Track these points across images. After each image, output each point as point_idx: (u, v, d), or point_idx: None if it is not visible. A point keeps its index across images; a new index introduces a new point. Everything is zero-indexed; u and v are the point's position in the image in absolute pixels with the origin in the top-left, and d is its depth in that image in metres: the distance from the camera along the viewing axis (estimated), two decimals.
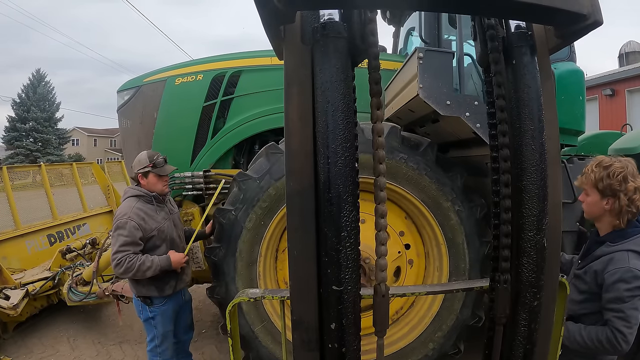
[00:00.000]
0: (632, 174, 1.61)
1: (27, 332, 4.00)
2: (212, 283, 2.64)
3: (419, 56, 2.28)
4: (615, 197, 1.61)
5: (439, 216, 2.54)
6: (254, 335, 2.55)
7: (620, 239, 1.64)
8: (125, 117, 3.59)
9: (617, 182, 1.59)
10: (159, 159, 2.65)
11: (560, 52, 3.30)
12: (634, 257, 1.58)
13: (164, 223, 2.64)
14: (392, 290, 1.26)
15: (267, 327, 2.57)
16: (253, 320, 2.55)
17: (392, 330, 2.71)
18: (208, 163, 3.39)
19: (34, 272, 4.04)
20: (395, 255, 2.72)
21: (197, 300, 4.04)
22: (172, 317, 2.71)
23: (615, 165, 1.63)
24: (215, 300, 2.68)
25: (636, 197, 1.59)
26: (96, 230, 5.38)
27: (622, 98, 12.66)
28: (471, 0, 0.91)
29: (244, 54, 3.52)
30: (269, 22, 0.95)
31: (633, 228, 1.64)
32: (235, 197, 2.55)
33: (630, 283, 1.52)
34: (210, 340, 3.82)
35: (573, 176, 3.31)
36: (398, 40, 4.34)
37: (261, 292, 1.42)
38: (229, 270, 2.54)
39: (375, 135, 0.99)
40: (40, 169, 5.23)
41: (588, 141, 4.35)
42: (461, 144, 3.11)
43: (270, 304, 2.61)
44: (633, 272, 1.53)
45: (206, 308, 4.52)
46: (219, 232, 2.58)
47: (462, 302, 2.56)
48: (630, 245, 1.60)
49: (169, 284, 2.61)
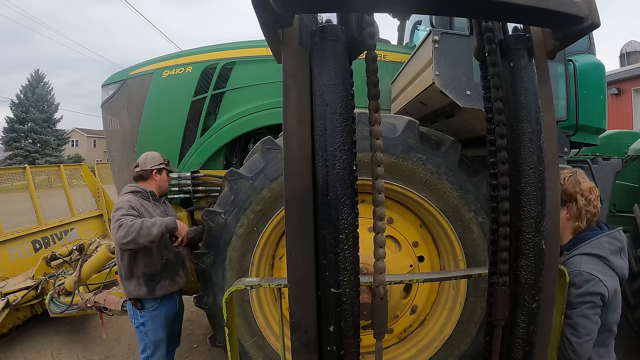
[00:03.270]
0: (581, 176, 1.79)
1: (9, 345, 4.13)
2: (200, 292, 2.64)
3: (434, 39, 2.18)
4: (572, 201, 1.75)
5: (459, 229, 2.43)
6: (244, 351, 2.54)
7: (575, 244, 1.76)
8: (110, 114, 3.65)
9: (570, 185, 1.75)
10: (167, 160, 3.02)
11: (578, 44, 3.42)
12: (588, 260, 1.66)
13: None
14: (389, 277, 1.38)
15: (259, 343, 2.57)
16: (243, 335, 2.55)
17: (399, 351, 2.71)
18: (197, 163, 3.41)
19: (17, 281, 4.16)
20: (406, 269, 2.61)
21: (188, 312, 4.14)
22: (165, 325, 2.80)
23: (564, 172, 1.81)
24: (204, 310, 2.68)
25: (592, 197, 1.74)
26: (85, 235, 5.51)
27: (628, 97, 13.38)
28: (468, 3, 1.03)
29: (238, 44, 3.55)
30: (267, 26, 1.07)
31: (588, 232, 1.76)
32: (226, 199, 2.53)
33: (579, 287, 1.59)
34: (202, 357, 3.92)
35: (598, 178, 3.42)
36: (403, 34, 4.43)
37: (257, 280, 1.55)
38: (218, 279, 2.53)
39: (374, 138, 1.11)
40: (25, 171, 5.34)
41: (603, 141, 4.44)
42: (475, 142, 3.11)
43: (263, 319, 2.62)
44: (583, 275, 1.60)
45: (198, 320, 4.62)
46: (208, 237, 2.57)
47: (478, 326, 2.47)
48: (585, 249, 1.71)
49: (160, 283, 2.71)
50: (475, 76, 2.24)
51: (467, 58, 2.22)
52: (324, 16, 1.12)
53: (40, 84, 38.24)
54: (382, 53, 3.46)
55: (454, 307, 2.58)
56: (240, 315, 2.55)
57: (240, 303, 2.54)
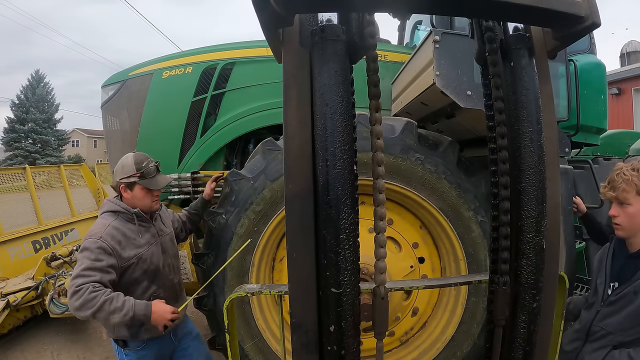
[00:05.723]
0: None
1: (9, 345, 4.15)
2: (200, 293, 2.60)
3: (435, 39, 2.20)
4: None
5: (458, 228, 2.45)
6: (243, 353, 2.52)
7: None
8: (110, 114, 3.67)
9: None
10: (150, 166, 2.26)
11: (579, 43, 3.43)
12: None
13: (147, 249, 2.24)
14: (390, 284, 1.39)
15: (259, 345, 2.56)
16: (243, 337, 2.53)
17: (401, 354, 2.71)
18: (197, 164, 3.42)
19: (17, 282, 4.18)
20: (407, 270, 2.62)
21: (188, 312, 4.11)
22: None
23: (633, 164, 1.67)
24: (203, 312, 2.67)
25: None
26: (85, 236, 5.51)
27: (628, 97, 13.50)
28: (469, 3, 1.04)
29: (238, 44, 3.57)
30: (267, 26, 1.07)
31: None
32: (226, 199, 2.54)
33: None
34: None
35: (599, 177, 3.41)
36: (403, 34, 4.45)
37: (259, 287, 1.55)
38: (218, 280, 2.51)
39: (374, 138, 1.12)
40: (25, 171, 5.37)
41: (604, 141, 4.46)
42: (476, 143, 3.14)
43: (263, 321, 2.62)
44: None
45: (198, 320, 4.59)
46: (208, 238, 2.57)
47: (480, 327, 2.48)
48: None
49: (146, 325, 2.11)
50: (476, 76, 2.25)
51: (467, 58, 2.22)
52: (325, 16, 1.12)
53: (41, 84, 38.65)
54: (383, 53, 3.47)
55: (456, 308, 2.59)
56: (240, 317, 2.54)
57: (240, 304, 2.54)
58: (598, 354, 1.74)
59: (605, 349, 1.72)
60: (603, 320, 1.76)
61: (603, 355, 1.71)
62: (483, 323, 2.46)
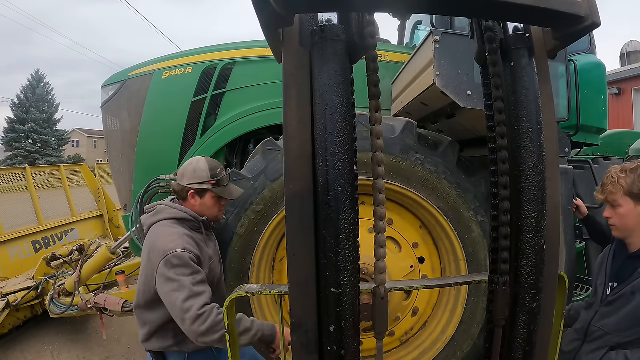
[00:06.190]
0: None
1: (9, 345, 4.16)
2: None
3: (435, 39, 2.20)
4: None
5: (458, 228, 2.46)
6: None
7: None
8: (110, 114, 3.68)
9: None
10: (224, 174, 2.14)
11: (579, 43, 3.43)
12: None
13: (213, 260, 2.13)
14: (390, 284, 1.39)
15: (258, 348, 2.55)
16: None
17: (401, 354, 2.72)
18: None
19: (17, 282, 4.19)
20: (407, 270, 2.63)
21: None
22: None
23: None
24: None
25: None
26: (85, 236, 5.55)
27: (628, 97, 13.55)
28: (469, 2, 1.04)
29: (238, 44, 3.59)
30: (267, 26, 1.07)
31: None
32: None
33: None
34: None
35: (599, 177, 3.42)
36: (404, 34, 4.45)
37: (259, 287, 1.55)
38: None
39: (374, 138, 1.12)
40: (25, 171, 5.37)
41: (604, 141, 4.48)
42: (476, 143, 3.15)
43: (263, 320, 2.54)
44: None
45: None
46: None
47: (480, 327, 2.49)
48: None
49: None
50: (476, 76, 2.26)
51: (468, 58, 2.23)
52: (325, 16, 1.12)
53: (41, 84, 38.85)
54: (383, 53, 3.47)
55: (456, 308, 2.59)
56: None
57: (239, 304, 2.54)
58: (595, 355, 1.74)
59: (602, 349, 1.73)
60: (601, 320, 1.77)
61: (600, 357, 1.72)
62: (483, 323, 2.47)
